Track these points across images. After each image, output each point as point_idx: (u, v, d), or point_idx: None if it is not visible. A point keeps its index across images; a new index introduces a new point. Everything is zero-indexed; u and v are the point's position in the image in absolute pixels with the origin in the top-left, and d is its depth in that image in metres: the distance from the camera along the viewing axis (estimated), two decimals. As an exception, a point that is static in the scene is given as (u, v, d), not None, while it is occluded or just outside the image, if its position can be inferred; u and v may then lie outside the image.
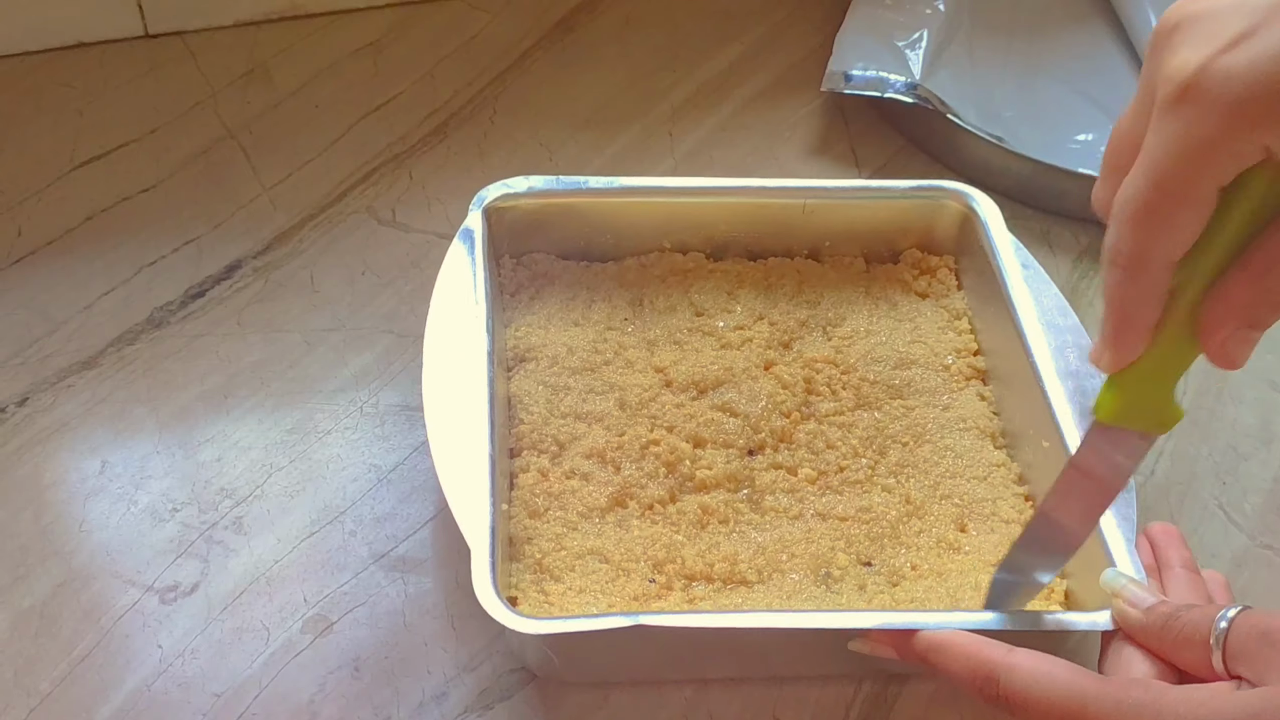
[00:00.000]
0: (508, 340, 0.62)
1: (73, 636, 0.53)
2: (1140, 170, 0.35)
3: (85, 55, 0.79)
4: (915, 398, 0.61)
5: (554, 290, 0.64)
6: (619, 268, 0.65)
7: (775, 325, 0.63)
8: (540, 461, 0.57)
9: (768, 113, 0.80)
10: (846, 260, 0.67)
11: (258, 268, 0.68)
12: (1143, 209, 0.35)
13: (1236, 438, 0.64)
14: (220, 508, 0.57)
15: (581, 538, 0.54)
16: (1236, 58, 0.33)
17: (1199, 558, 0.59)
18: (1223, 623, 0.41)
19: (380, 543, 0.57)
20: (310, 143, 0.75)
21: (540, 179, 0.64)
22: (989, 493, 0.57)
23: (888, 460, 0.58)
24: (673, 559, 0.54)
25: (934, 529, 0.56)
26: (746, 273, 0.66)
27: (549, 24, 0.84)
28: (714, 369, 0.61)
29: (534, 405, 0.59)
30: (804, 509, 0.56)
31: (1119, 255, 0.37)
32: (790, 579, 0.54)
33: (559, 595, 0.52)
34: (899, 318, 0.64)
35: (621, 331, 0.63)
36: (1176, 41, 0.35)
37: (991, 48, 0.83)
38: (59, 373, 0.62)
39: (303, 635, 0.53)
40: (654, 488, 0.56)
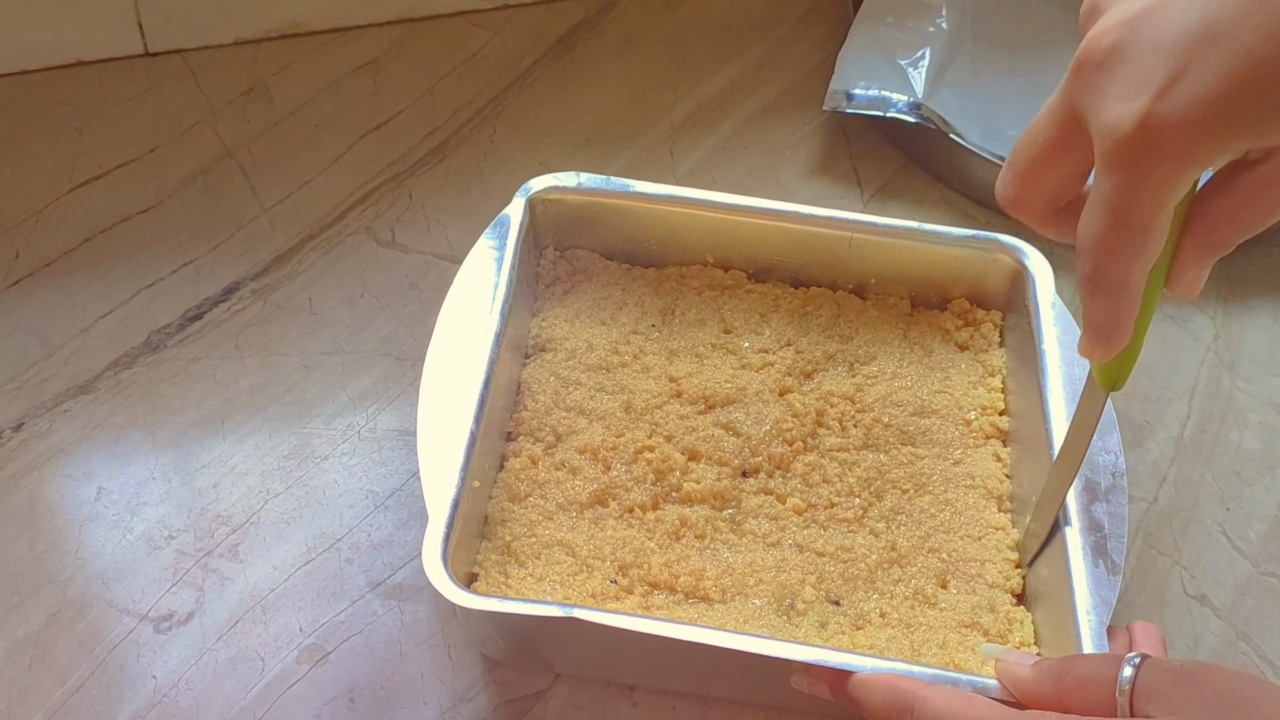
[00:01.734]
0: (531, 328, 0.62)
1: (67, 667, 0.52)
2: (1100, 212, 0.37)
3: (85, 74, 0.79)
4: (927, 447, 0.59)
5: (589, 287, 0.65)
6: (659, 274, 0.65)
7: (801, 354, 0.63)
8: (533, 449, 0.58)
9: (769, 131, 0.80)
10: (891, 300, 0.65)
11: (256, 290, 0.68)
12: (1113, 245, 0.38)
13: (1240, 463, 0.64)
14: (216, 535, 0.57)
15: (554, 528, 0.55)
16: (1172, 105, 0.34)
17: (1202, 585, 0.59)
18: (1129, 668, 0.41)
19: (377, 570, 0.57)
20: (310, 162, 0.75)
21: (591, 177, 0.64)
22: (980, 553, 0.56)
23: (882, 504, 0.58)
24: (639, 564, 0.54)
25: (914, 580, 0.55)
26: (784, 298, 0.65)
27: (549, 41, 0.84)
28: (726, 387, 0.60)
29: (540, 394, 0.59)
30: (783, 538, 0.56)
31: (1099, 284, 0.39)
32: (752, 603, 0.53)
33: (519, 579, 0.53)
34: (931, 365, 0.63)
35: (646, 337, 0.63)
36: (1103, 86, 0.36)
37: (995, 65, 0.83)
38: (55, 397, 0.62)
39: (298, 665, 0.53)
40: (638, 492, 0.57)
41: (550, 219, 0.64)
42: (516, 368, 0.60)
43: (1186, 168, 0.35)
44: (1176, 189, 0.36)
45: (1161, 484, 0.63)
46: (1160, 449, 0.64)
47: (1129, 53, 0.35)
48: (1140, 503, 0.62)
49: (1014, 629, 0.53)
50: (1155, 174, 0.36)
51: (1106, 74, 0.36)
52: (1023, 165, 0.41)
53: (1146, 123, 0.35)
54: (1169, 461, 0.64)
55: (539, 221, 0.64)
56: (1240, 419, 0.66)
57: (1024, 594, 0.54)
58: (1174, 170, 0.35)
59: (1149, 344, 0.69)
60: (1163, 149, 0.35)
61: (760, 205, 0.63)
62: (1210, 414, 0.66)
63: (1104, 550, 0.51)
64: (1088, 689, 0.42)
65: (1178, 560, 0.60)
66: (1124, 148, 0.36)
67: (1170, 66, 0.34)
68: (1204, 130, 0.34)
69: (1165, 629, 0.57)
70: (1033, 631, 0.52)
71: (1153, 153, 0.35)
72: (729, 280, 0.65)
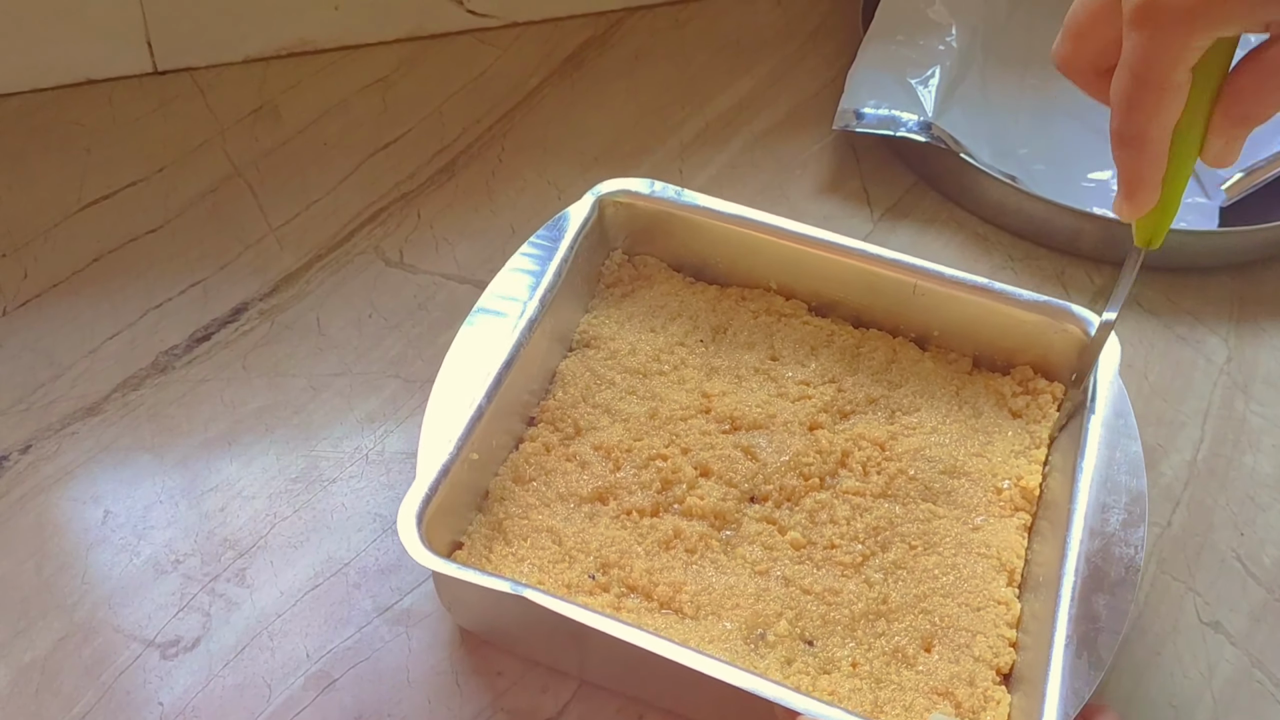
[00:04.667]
0: (581, 323, 0.63)
1: (73, 693, 0.52)
2: (1124, 70, 0.42)
3: (94, 92, 0.79)
4: (949, 508, 0.57)
5: (648, 294, 0.65)
6: (719, 293, 0.66)
7: (843, 393, 0.61)
8: (550, 437, 0.59)
9: (779, 149, 0.80)
10: (952, 356, 0.63)
11: (264, 310, 0.68)
12: (1134, 100, 0.42)
13: (1254, 487, 0.63)
14: (223, 559, 0.57)
15: (548, 515, 0.56)
16: None
17: (1216, 612, 0.58)
18: None
19: (384, 595, 0.56)
20: (318, 181, 0.75)
21: (665, 186, 0.65)
22: (974, 624, 0.53)
23: (885, 556, 0.56)
24: (622, 565, 0.54)
25: (897, 637, 0.53)
26: (840, 335, 0.64)
27: (558, 60, 0.84)
28: (756, 411, 0.60)
29: (572, 386, 0.60)
30: (773, 568, 0.55)
31: (1123, 137, 0.44)
32: (723, 625, 0.52)
33: (500, 556, 0.54)
34: (976, 427, 0.61)
35: (691, 350, 0.63)
36: None
37: (1005, 84, 0.83)
38: (63, 419, 0.62)
39: (305, 692, 0.53)
40: (641, 496, 0.57)
41: (621, 222, 0.65)
42: (556, 358, 0.62)
43: (1193, 33, 0.40)
44: (1186, 53, 0.40)
45: (1175, 509, 0.62)
46: (1174, 473, 0.64)
47: None
48: (1154, 528, 0.61)
49: (988, 707, 0.50)
50: (1166, 35, 0.40)
51: None
52: (1070, 30, 0.45)
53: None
54: (1182, 486, 0.63)
55: (608, 222, 0.65)
56: (1254, 442, 0.65)
57: (1011, 674, 0.52)
58: (1183, 34, 0.40)
59: (1161, 365, 0.68)
60: (1171, 14, 0.40)
61: (828, 239, 0.62)
62: (1223, 437, 0.65)
63: (1093, 644, 0.49)
64: None
65: (1191, 586, 0.59)
66: (1140, 12, 0.40)
67: None
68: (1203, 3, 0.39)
69: (1180, 657, 0.56)
70: (1007, 714, 0.50)
71: (1164, 16, 0.40)
72: (788, 309, 0.65)
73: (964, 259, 0.73)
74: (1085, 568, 0.51)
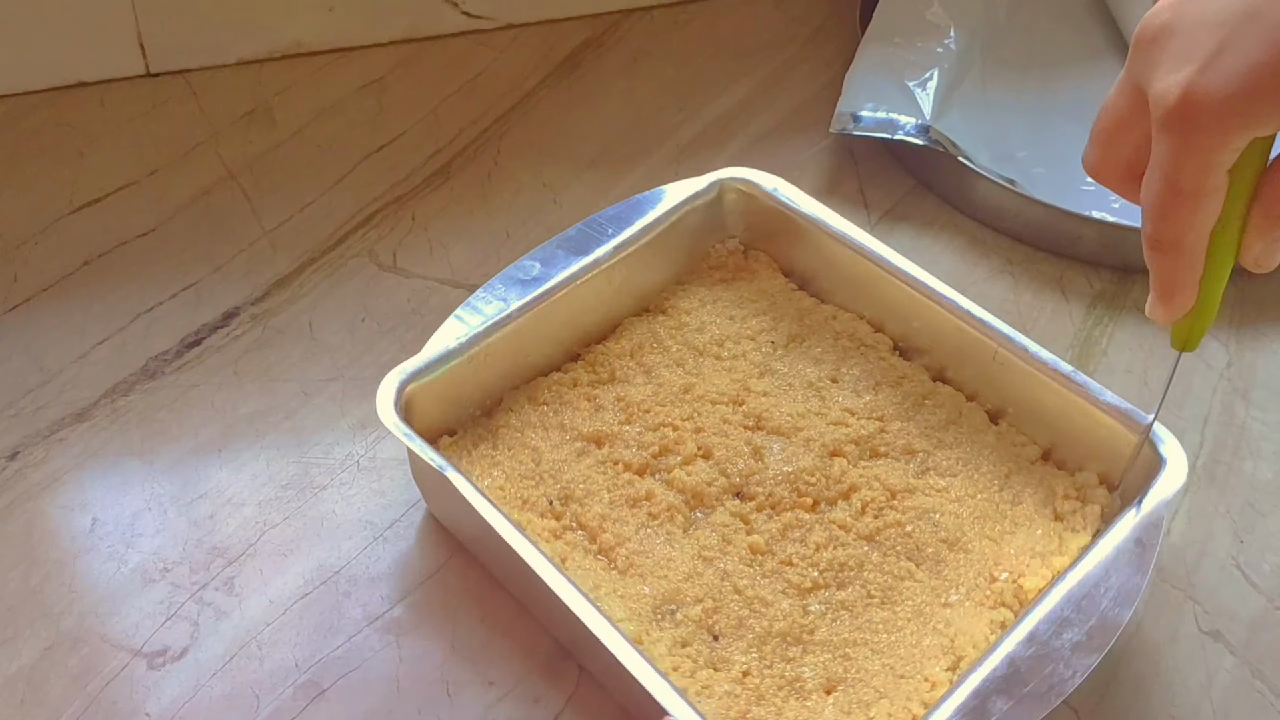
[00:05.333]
0: (666, 294, 0.65)
1: (60, 703, 0.51)
2: (1156, 175, 0.41)
3: (86, 95, 0.78)
4: (929, 576, 0.55)
5: (745, 286, 0.66)
6: (814, 306, 0.65)
7: (884, 434, 0.59)
8: (581, 375, 0.61)
9: (776, 152, 0.79)
10: (1021, 440, 0.59)
11: (256, 315, 0.67)
12: (1168, 206, 0.41)
13: (1254, 494, 0.63)
14: (212, 567, 0.56)
15: (540, 437, 0.58)
16: (1214, 76, 0.38)
17: (1215, 621, 0.58)
18: None
19: (375, 604, 0.56)
20: (312, 184, 0.75)
21: (788, 186, 0.65)
22: (886, 688, 0.51)
23: (837, 593, 0.54)
24: (582, 503, 0.56)
25: (803, 668, 0.51)
26: (911, 381, 0.61)
27: (555, 61, 0.83)
28: (785, 419, 0.59)
29: (625, 340, 0.63)
30: (719, 560, 0.54)
31: (1157, 243, 0.42)
32: (640, 588, 0.53)
33: (479, 455, 0.58)
34: (1007, 514, 0.57)
35: (757, 347, 0.63)
36: (1156, 58, 0.40)
37: (1004, 87, 0.82)
38: (51, 425, 0.61)
39: (294, 702, 0.52)
40: (633, 453, 0.58)
41: (740, 211, 0.66)
42: (624, 313, 0.64)
43: (1229, 135, 0.38)
44: (1222, 155, 0.39)
45: (1174, 516, 0.61)
46: (1173, 480, 0.63)
47: (1178, 29, 0.39)
48: (1152, 535, 0.61)
49: None
50: (1200, 140, 0.38)
51: (1159, 48, 0.39)
52: (1099, 135, 0.44)
53: (1189, 92, 0.38)
54: (1182, 493, 0.62)
55: (727, 209, 0.66)
56: (1254, 449, 0.65)
57: None
58: (1217, 137, 0.38)
59: (1161, 372, 0.68)
60: (1205, 117, 0.38)
61: (921, 280, 0.61)
62: (1224, 443, 0.65)
63: None
64: None
65: (1190, 595, 0.59)
66: (1171, 116, 0.39)
67: (1214, 41, 0.38)
68: (1243, 101, 0.37)
69: (1179, 667, 0.56)
70: None
71: (1196, 120, 0.38)
72: (871, 341, 0.63)
73: (962, 263, 0.73)
74: (1005, 668, 0.48)
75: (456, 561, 0.57)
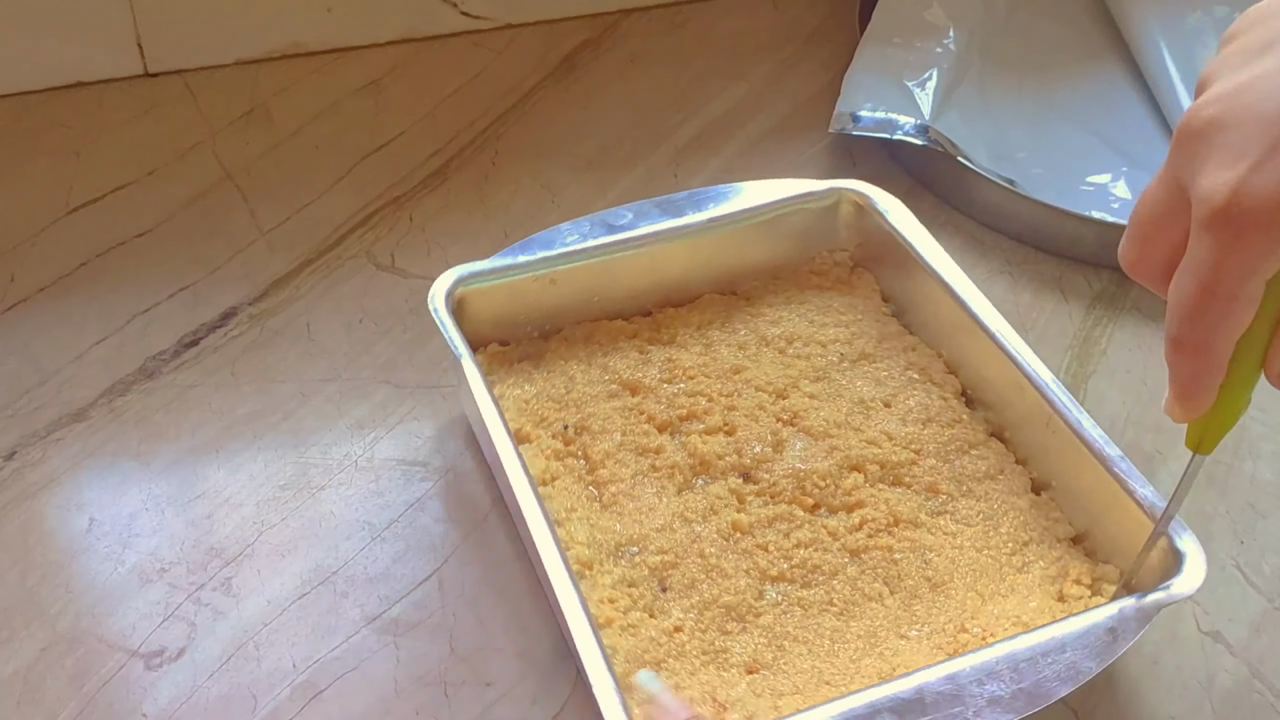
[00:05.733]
0: (755, 283, 0.66)
1: (55, 704, 0.51)
2: (1190, 276, 0.38)
3: (84, 95, 0.78)
4: (898, 607, 0.53)
5: (835, 297, 0.65)
6: (896, 334, 0.64)
7: (914, 466, 0.58)
8: (643, 332, 0.63)
9: (774, 153, 0.79)
10: (1057, 516, 0.57)
11: (253, 315, 0.67)
12: (1198, 309, 0.38)
13: (1254, 495, 0.63)
14: (209, 568, 0.56)
15: (579, 370, 0.61)
16: (1265, 178, 0.35)
17: (1215, 621, 0.57)
18: None
19: (373, 604, 0.56)
20: (309, 185, 0.74)
21: (897, 205, 0.65)
22: (804, 687, 0.50)
23: (801, 590, 0.53)
24: (594, 436, 0.58)
25: (734, 643, 0.51)
26: (965, 429, 0.60)
27: (553, 62, 0.83)
28: (817, 422, 0.59)
29: (698, 314, 0.64)
30: (697, 524, 0.55)
31: (1182, 345, 0.40)
32: (611, 525, 0.55)
33: (518, 369, 0.61)
34: (1008, 579, 0.54)
35: (824, 355, 0.63)
36: (1203, 153, 0.37)
37: (1003, 87, 0.82)
38: (48, 425, 0.61)
39: (291, 703, 0.52)
40: (662, 410, 0.59)
41: (854, 226, 0.66)
42: (706, 287, 0.65)
43: (1275, 245, 0.36)
44: (1267, 262, 0.36)
45: (1174, 516, 0.61)
46: (1172, 480, 0.62)
47: (1228, 123, 0.36)
48: (1152, 536, 0.61)
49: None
50: (1245, 245, 0.36)
51: (1205, 143, 0.37)
52: (1137, 231, 0.41)
53: (1239, 193, 0.35)
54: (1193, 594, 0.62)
55: (841, 220, 0.66)
56: (1254, 449, 0.64)
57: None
58: (1265, 243, 0.36)
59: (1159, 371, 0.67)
60: (1254, 220, 0.35)
61: (998, 335, 0.59)
62: (1223, 444, 0.63)
63: None
64: None
65: (1191, 595, 0.58)
66: (1217, 217, 0.36)
67: (1267, 140, 0.35)
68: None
69: (1179, 668, 0.55)
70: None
71: (1243, 223, 0.36)
72: (940, 381, 0.62)
73: (962, 263, 0.72)
74: (911, 694, 0.46)
75: (454, 562, 0.57)
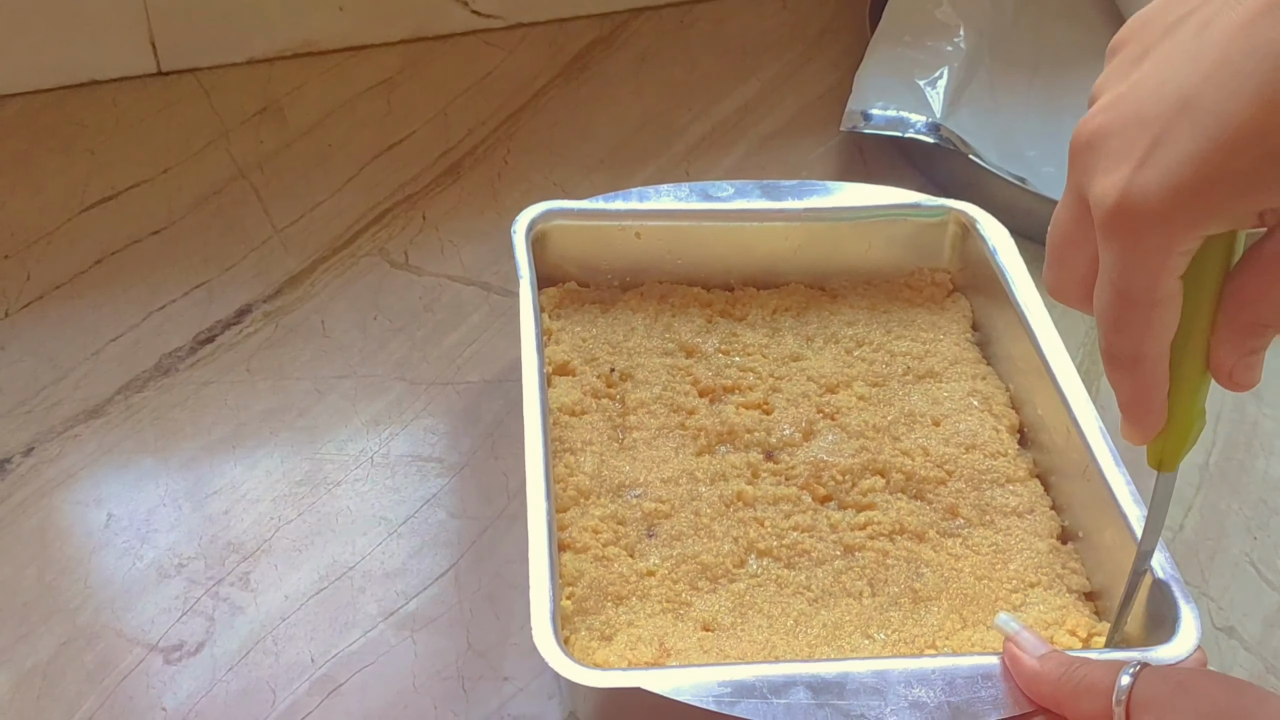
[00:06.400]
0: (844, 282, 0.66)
1: (75, 698, 0.52)
2: (1105, 285, 0.38)
3: (98, 93, 0.79)
4: (875, 609, 0.52)
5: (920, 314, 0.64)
6: (972, 360, 0.63)
7: (940, 485, 0.57)
8: (717, 304, 0.64)
9: (785, 151, 0.79)
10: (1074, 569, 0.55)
11: (268, 312, 0.67)
12: (1121, 318, 0.38)
13: (1268, 491, 0.63)
14: (227, 563, 0.56)
15: (642, 323, 0.63)
16: (1150, 174, 0.34)
17: (1230, 617, 0.58)
18: (1126, 676, 0.41)
19: (390, 599, 0.56)
20: (323, 183, 0.75)
21: (1005, 243, 0.63)
22: (751, 656, 0.50)
23: (783, 569, 0.53)
24: (635, 385, 0.60)
25: (698, 599, 0.52)
26: (1005, 460, 0.58)
27: (564, 61, 0.84)
28: (856, 422, 0.59)
29: (776, 299, 0.64)
30: (701, 484, 0.56)
31: (1114, 358, 0.39)
32: (619, 465, 0.56)
33: (586, 309, 0.63)
34: (992, 611, 0.52)
35: (888, 365, 0.62)
36: (1093, 162, 0.36)
37: (1013, 85, 0.82)
38: (65, 422, 0.61)
39: (310, 697, 0.52)
40: (708, 376, 0.60)
41: (958, 249, 0.65)
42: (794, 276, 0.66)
43: (1174, 237, 0.35)
44: (1170, 260, 0.36)
45: (1187, 513, 0.62)
46: (1185, 477, 0.63)
47: (1112, 129, 0.36)
48: (1166, 532, 0.61)
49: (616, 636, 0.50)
50: (1144, 243, 0.35)
51: (1094, 152, 0.37)
52: (1053, 254, 0.41)
53: (1128, 193, 0.35)
54: (1194, 490, 0.62)
55: (948, 238, 0.65)
56: (1267, 445, 0.65)
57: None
58: (1163, 239, 0.35)
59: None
60: (1146, 218, 0.35)
61: (1057, 376, 0.57)
62: (1236, 441, 0.65)
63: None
64: (1085, 696, 0.42)
65: (1205, 591, 0.59)
66: (1111, 220, 0.36)
67: (1148, 138, 0.35)
68: (1185, 197, 0.34)
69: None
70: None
71: (1138, 222, 0.35)
72: (1000, 412, 0.60)
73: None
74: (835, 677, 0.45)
75: (470, 557, 0.57)
